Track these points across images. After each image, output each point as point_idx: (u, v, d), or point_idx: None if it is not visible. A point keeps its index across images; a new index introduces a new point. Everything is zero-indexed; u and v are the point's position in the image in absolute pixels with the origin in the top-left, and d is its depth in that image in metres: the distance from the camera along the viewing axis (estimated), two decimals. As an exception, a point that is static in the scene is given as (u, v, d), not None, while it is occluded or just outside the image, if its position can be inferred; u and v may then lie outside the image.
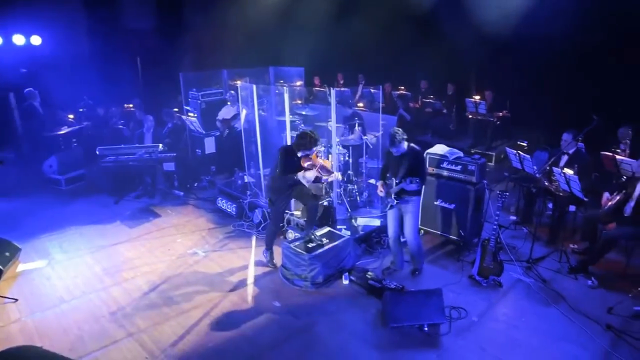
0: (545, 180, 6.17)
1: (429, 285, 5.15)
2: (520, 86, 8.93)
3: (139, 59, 12.59)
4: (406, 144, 5.05)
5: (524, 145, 7.51)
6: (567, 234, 6.18)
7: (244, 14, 11.33)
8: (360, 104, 10.62)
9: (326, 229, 5.94)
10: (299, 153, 5.35)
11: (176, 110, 9.76)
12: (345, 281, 5.43)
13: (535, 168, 6.14)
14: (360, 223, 6.47)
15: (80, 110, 10.84)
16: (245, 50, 10.86)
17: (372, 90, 11.30)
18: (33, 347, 3.86)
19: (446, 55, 10.09)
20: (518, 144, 7.51)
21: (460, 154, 6.23)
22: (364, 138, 7.23)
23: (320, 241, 5.51)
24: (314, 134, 5.37)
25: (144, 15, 12.24)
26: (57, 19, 10.57)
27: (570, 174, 5.42)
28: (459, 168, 6.09)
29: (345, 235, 5.82)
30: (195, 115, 9.01)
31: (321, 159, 5.57)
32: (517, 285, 5.30)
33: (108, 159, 7.90)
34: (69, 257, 6.14)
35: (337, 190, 6.69)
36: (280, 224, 5.97)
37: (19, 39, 10.22)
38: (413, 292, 4.88)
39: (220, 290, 5.31)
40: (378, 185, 5.36)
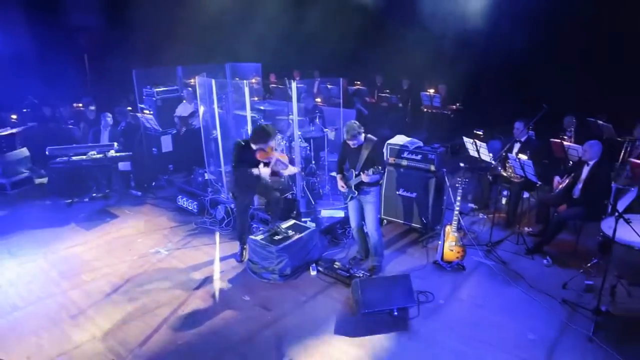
0: (500, 167, 6.43)
1: (396, 272, 5.26)
2: (473, 80, 9.26)
3: (85, 56, 12.10)
4: (363, 135, 5.10)
5: (480, 133, 7.83)
6: (522, 218, 6.47)
7: (197, 9, 11.09)
8: (318, 100, 10.67)
9: (291, 222, 5.94)
10: (255, 147, 5.30)
11: (129, 109, 9.46)
12: (313, 272, 5.44)
13: (491, 155, 6.39)
14: (324, 215, 6.50)
15: (25, 110, 10.26)
16: (199, 47, 10.64)
17: (329, 86, 11.40)
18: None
19: (400, 50, 10.33)
20: (474, 133, 7.80)
21: (420, 144, 6.39)
22: (325, 130, 7.27)
23: (287, 233, 5.50)
24: (268, 127, 5.32)
25: (90, 11, 11.76)
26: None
27: (525, 159, 5.69)
28: (419, 157, 6.25)
29: (310, 227, 5.84)
30: (151, 113, 8.75)
31: (278, 153, 5.54)
32: (479, 268, 5.51)
33: (59, 159, 7.52)
34: (20, 263, 5.81)
35: (300, 183, 6.69)
36: (247, 218, 5.87)
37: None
38: (382, 278, 4.97)
39: (187, 288, 5.19)
40: (337, 179, 5.37)
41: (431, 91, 10.29)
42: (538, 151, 6.33)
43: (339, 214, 6.53)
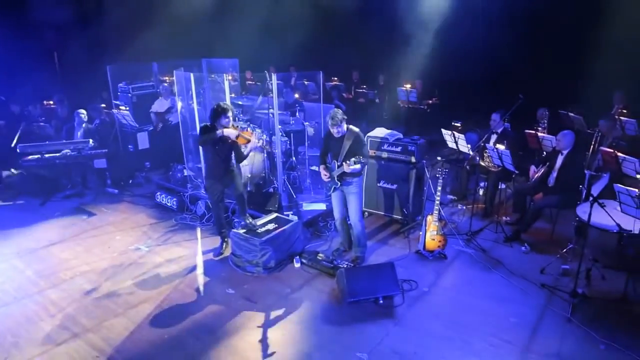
0: (478, 158, 6.56)
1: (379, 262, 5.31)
2: (448, 74, 9.42)
3: (55, 53, 11.76)
4: (346, 125, 5.12)
5: (458, 125, 7.98)
6: (500, 208, 6.62)
7: (170, 4, 10.93)
8: (296, 95, 10.64)
9: (273, 215, 5.93)
10: (218, 129, 5.26)
11: (103, 105, 9.24)
12: (297, 264, 5.45)
13: (469, 146, 6.52)
14: (306, 208, 6.51)
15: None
16: (174, 42, 10.49)
17: (306, 82, 11.41)
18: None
19: (376, 46, 10.43)
20: (452, 125, 7.95)
21: (400, 136, 6.47)
22: (305, 124, 7.28)
23: (259, 228, 5.46)
24: (223, 104, 5.35)
25: (58, 6, 11.41)
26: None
27: (502, 149, 5.83)
28: (399, 149, 6.33)
29: (293, 219, 5.84)
30: (127, 109, 8.58)
31: (241, 130, 5.54)
32: (460, 256, 5.61)
33: (31, 157, 7.31)
34: (-7, 263, 5.64)
35: (282, 177, 6.68)
36: (221, 212, 5.80)
37: None
38: (366, 267, 5.02)
39: (170, 283, 5.12)
40: (320, 169, 5.39)
41: (407, 86, 10.41)
42: (514, 142, 6.49)
43: (321, 207, 6.55)
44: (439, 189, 5.49)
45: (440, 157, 8.01)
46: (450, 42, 9.09)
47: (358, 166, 4.97)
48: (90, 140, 7.50)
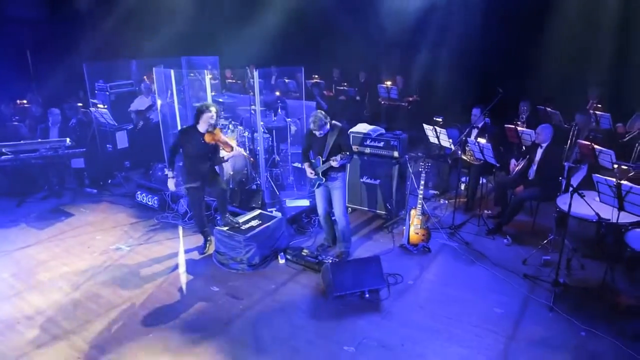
0: (460, 152, 6.63)
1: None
2: (428, 71, 9.50)
3: (28, 51, 11.45)
4: (329, 124, 5.13)
5: (440, 120, 8.05)
6: (482, 201, 6.70)
7: (149, 1, 10.76)
8: (277, 93, 10.59)
9: (257, 212, 5.89)
10: (201, 129, 5.20)
11: (80, 104, 9.03)
12: (282, 260, 5.42)
13: (451, 141, 6.58)
14: (290, 205, 6.48)
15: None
16: (153, 40, 10.32)
17: (287, 81, 11.36)
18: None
19: (356, 43, 10.45)
20: (434, 120, 8.03)
21: (383, 131, 6.49)
22: (287, 120, 7.25)
23: (242, 225, 5.41)
24: (207, 103, 5.31)
25: (31, 2, 11.12)
26: None
27: (484, 143, 5.90)
28: (381, 144, 6.35)
29: (276, 215, 5.81)
30: (105, 107, 8.40)
31: (227, 136, 5.48)
32: (444, 249, 5.66)
33: (4, 157, 7.08)
34: (-34, 267, 5.45)
35: (264, 174, 6.64)
36: (202, 210, 5.72)
37: None
38: (352, 261, 5.02)
39: (152, 282, 5.04)
40: (305, 167, 5.37)
41: (388, 83, 10.46)
42: (495, 136, 6.58)
43: (304, 203, 6.53)
44: (422, 183, 5.53)
45: (422, 154, 8.13)
46: (430, 39, 9.16)
47: (345, 160, 4.98)
48: (68, 139, 7.31)
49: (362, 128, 6.61)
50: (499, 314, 4.37)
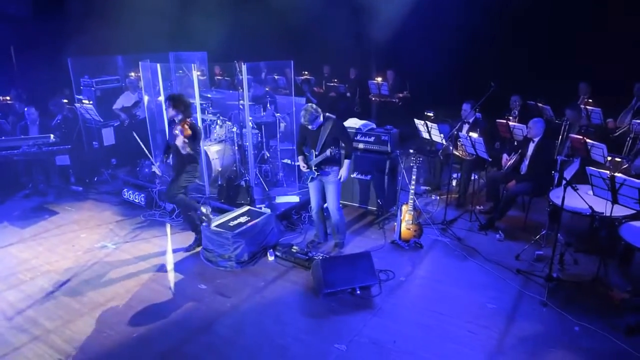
0: (452, 147, 6.56)
1: (355, 253, 5.23)
2: (418, 67, 9.40)
3: (12, 47, 11.19)
4: (322, 116, 5.05)
5: (431, 115, 7.98)
6: (473, 197, 6.64)
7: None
8: (267, 88, 10.47)
9: (246, 208, 5.78)
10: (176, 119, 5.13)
11: (66, 101, 8.84)
12: (271, 257, 5.31)
13: (442, 135, 6.51)
14: (279, 201, 6.37)
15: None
16: (140, 35, 10.12)
17: (276, 77, 11.25)
18: None
19: (346, 39, 10.34)
20: (425, 115, 7.96)
21: (373, 126, 6.40)
22: (277, 115, 7.14)
23: (208, 218, 5.31)
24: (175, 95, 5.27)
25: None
26: None
27: (476, 137, 5.83)
28: (372, 139, 6.27)
29: (266, 211, 5.70)
30: (90, 103, 8.22)
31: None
32: (436, 245, 5.59)
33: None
34: (-56, 266, 5.27)
35: (253, 170, 6.52)
36: (190, 205, 5.58)
37: None
38: (343, 257, 4.92)
39: (138, 280, 4.90)
40: (299, 160, 5.30)
41: (378, 79, 10.37)
42: (486, 131, 6.52)
43: (294, 199, 6.42)
44: (414, 178, 5.45)
45: (413, 149, 8.05)
46: (420, 34, 9.07)
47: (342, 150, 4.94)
48: (52, 136, 7.13)
49: (353, 123, 6.52)
50: (492, 310, 4.30)
